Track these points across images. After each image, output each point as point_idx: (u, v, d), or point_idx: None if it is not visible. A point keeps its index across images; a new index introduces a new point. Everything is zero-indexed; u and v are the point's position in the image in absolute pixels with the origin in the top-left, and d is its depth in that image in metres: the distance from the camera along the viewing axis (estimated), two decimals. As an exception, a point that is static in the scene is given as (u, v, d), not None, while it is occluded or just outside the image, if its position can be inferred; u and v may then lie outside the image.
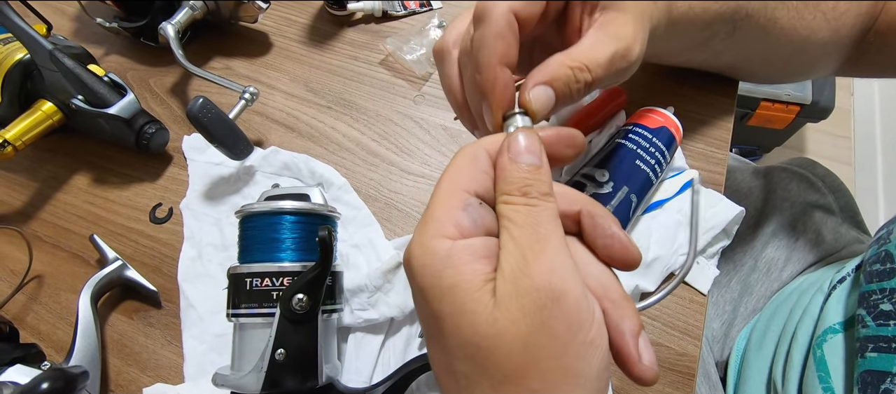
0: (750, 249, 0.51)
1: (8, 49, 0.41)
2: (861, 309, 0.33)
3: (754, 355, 0.43)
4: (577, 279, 0.19)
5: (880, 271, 0.33)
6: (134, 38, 0.50)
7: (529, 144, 0.21)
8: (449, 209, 0.20)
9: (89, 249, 0.41)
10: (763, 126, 1.18)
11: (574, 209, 0.22)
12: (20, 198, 0.44)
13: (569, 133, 0.23)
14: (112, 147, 0.45)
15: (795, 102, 1.09)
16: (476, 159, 0.21)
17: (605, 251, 0.22)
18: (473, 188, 0.21)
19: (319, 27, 0.52)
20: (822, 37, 0.38)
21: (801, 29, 0.37)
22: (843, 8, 0.37)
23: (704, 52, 0.40)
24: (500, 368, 0.18)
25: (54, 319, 0.39)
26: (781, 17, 0.36)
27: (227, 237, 0.40)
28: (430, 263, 0.19)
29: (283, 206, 0.31)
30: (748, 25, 0.36)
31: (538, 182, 0.20)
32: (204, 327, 0.37)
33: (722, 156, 0.42)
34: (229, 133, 0.39)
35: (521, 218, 0.20)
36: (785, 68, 0.42)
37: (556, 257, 0.19)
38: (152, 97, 0.48)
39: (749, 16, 0.35)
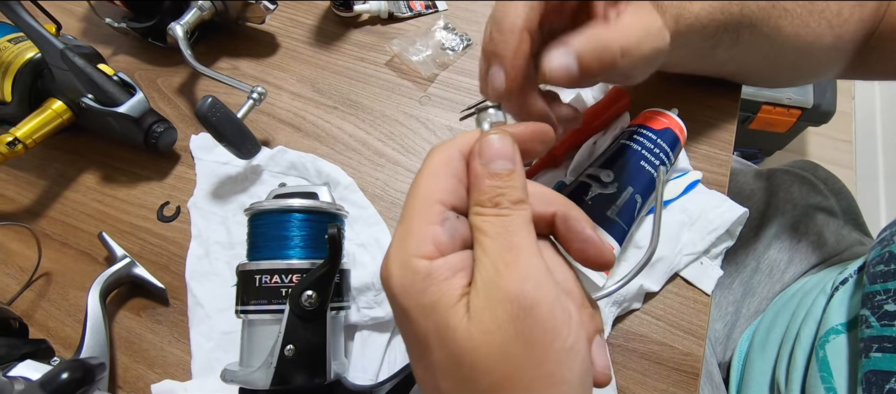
0: (752, 251, 0.52)
1: (18, 48, 0.42)
2: (865, 310, 0.33)
3: (757, 357, 0.43)
4: (550, 286, 0.19)
5: (884, 272, 0.33)
6: (142, 39, 0.50)
7: (501, 146, 0.21)
8: (426, 225, 0.20)
9: (97, 247, 0.41)
10: (764, 129, 1.18)
11: (549, 211, 0.22)
12: (29, 196, 0.44)
13: (541, 129, 0.23)
14: (120, 146, 0.46)
15: (797, 105, 1.09)
16: (449, 164, 0.21)
17: (581, 254, 0.22)
18: (449, 200, 0.21)
19: (326, 28, 0.52)
20: (826, 42, 0.38)
21: (806, 36, 0.37)
22: (846, 14, 0.37)
23: (709, 62, 0.40)
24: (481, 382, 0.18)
25: (63, 315, 0.39)
26: (786, 26, 0.36)
27: (234, 236, 0.41)
28: (411, 282, 0.19)
29: (292, 204, 0.31)
30: (752, 34, 0.36)
31: (510, 189, 0.20)
32: (211, 324, 0.37)
33: (725, 157, 0.42)
34: (237, 132, 0.39)
35: (493, 229, 0.20)
36: (789, 73, 0.43)
37: (528, 266, 0.19)
38: (160, 97, 0.49)
39: (753, 25, 0.36)
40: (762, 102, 1.12)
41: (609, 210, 0.35)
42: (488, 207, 0.20)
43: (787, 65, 0.41)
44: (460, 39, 0.50)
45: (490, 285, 0.19)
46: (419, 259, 0.19)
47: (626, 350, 0.35)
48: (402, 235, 0.20)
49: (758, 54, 0.39)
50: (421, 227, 0.20)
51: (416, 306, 0.19)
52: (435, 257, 0.20)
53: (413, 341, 0.21)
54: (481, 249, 0.20)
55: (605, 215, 0.34)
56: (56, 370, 0.20)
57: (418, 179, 0.21)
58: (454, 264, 0.20)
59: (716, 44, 0.37)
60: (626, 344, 0.36)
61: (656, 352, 0.35)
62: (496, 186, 0.20)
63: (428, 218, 0.20)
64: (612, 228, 0.34)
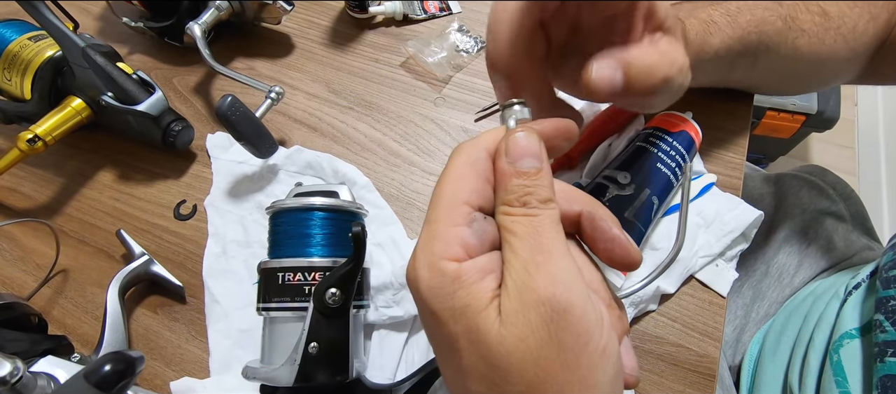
0: (761, 255, 0.52)
1: (39, 46, 0.42)
2: (879, 314, 0.33)
3: (769, 360, 0.44)
4: (581, 288, 0.18)
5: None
6: (158, 38, 0.51)
7: (528, 144, 0.20)
8: (454, 227, 0.20)
9: (114, 245, 0.42)
10: (769, 135, 1.18)
11: (574, 210, 0.22)
12: (47, 193, 0.44)
13: (566, 125, 0.23)
14: (137, 144, 0.46)
15: (801, 111, 1.10)
16: (476, 164, 0.21)
17: (607, 254, 0.22)
18: (476, 201, 0.20)
19: (341, 30, 0.53)
20: (841, 56, 0.39)
21: (822, 52, 0.38)
22: (862, 28, 0.38)
23: (726, 82, 0.42)
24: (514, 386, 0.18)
25: (80, 312, 0.39)
26: (803, 45, 0.37)
27: (250, 234, 0.41)
28: (439, 285, 0.19)
29: (314, 202, 0.32)
30: (769, 57, 0.37)
31: (538, 188, 0.20)
32: (229, 322, 0.37)
33: (739, 161, 0.43)
34: (256, 132, 0.40)
35: (522, 229, 0.19)
36: (802, 84, 0.44)
37: (559, 268, 0.18)
38: (176, 96, 0.49)
39: (769, 49, 0.36)
40: (767, 107, 1.13)
41: (626, 212, 0.35)
42: (516, 206, 0.20)
43: (802, 77, 0.42)
44: (474, 41, 0.50)
45: (522, 288, 0.18)
46: (448, 262, 0.19)
47: (642, 351, 0.36)
48: (428, 237, 0.20)
49: (774, 72, 0.40)
50: (448, 229, 0.20)
51: (445, 309, 0.19)
52: (463, 260, 0.19)
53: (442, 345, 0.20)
54: (511, 250, 0.19)
55: (622, 217, 0.35)
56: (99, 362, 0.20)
57: (443, 180, 0.21)
58: (483, 266, 0.19)
59: (733, 69, 0.38)
60: (642, 345, 0.36)
61: (672, 353, 0.35)
62: (524, 185, 0.20)
63: (454, 219, 0.20)
64: (630, 229, 0.35)
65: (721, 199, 0.40)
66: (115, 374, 0.20)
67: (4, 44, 0.42)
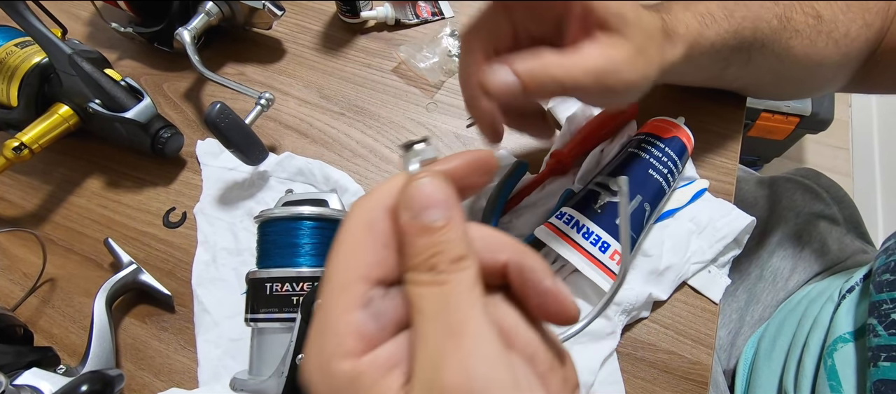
0: (756, 259, 0.52)
1: (25, 53, 0.42)
2: (872, 318, 0.33)
3: (764, 364, 0.43)
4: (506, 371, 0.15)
5: (891, 281, 0.33)
6: (148, 44, 0.50)
7: (433, 191, 0.17)
8: (346, 314, 0.16)
9: (102, 253, 0.41)
10: (763, 137, 1.19)
11: (499, 261, 0.18)
12: (33, 201, 0.44)
13: (482, 158, 0.20)
14: (125, 151, 0.45)
15: (795, 113, 1.10)
16: (372, 226, 0.17)
17: (540, 310, 0.19)
18: (375, 273, 0.17)
19: (332, 34, 0.52)
20: (833, 60, 0.39)
21: (814, 55, 0.38)
22: (854, 34, 0.38)
23: (720, 79, 0.41)
24: None
25: (67, 322, 0.39)
26: (795, 46, 0.37)
27: (241, 242, 0.40)
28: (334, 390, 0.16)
29: (302, 211, 0.31)
30: (763, 54, 0.37)
31: (448, 245, 0.16)
32: (219, 331, 0.37)
33: (732, 166, 0.43)
34: (245, 139, 0.39)
35: (430, 304, 0.16)
36: (795, 88, 0.44)
37: (475, 354, 0.15)
38: (166, 102, 0.49)
39: (764, 46, 0.36)
40: (761, 109, 1.13)
41: (618, 218, 0.35)
42: (423, 271, 0.16)
43: (795, 80, 0.41)
44: (467, 47, 0.50)
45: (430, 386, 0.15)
46: (341, 361, 0.16)
47: (634, 359, 0.35)
48: (319, 330, 0.16)
49: (767, 72, 0.40)
50: (339, 317, 0.16)
51: None
52: (361, 354, 0.16)
53: None
54: (418, 333, 0.16)
55: (614, 224, 0.35)
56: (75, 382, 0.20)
57: (333, 254, 0.17)
58: (386, 360, 0.16)
59: (727, 64, 0.38)
60: (635, 352, 0.36)
61: (664, 360, 0.35)
62: (430, 244, 0.16)
63: (347, 304, 0.16)
64: (622, 236, 0.34)
65: (713, 204, 0.39)
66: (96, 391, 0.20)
67: (-10, 50, 0.41)
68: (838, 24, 0.37)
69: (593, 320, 0.28)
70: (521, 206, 0.41)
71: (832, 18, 0.37)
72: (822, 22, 0.37)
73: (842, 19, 0.38)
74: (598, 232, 0.34)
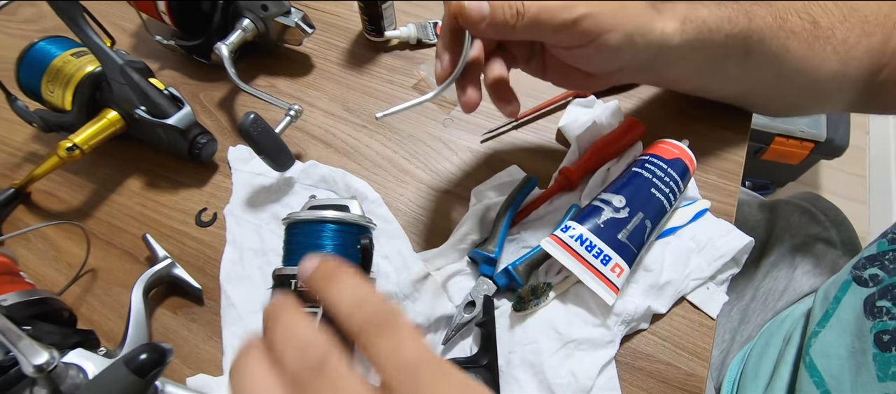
0: (751, 280, 0.53)
1: (80, 62, 0.46)
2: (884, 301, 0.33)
3: (750, 382, 0.44)
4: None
5: None
6: (187, 55, 0.54)
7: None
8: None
9: (139, 248, 0.44)
10: (777, 161, 1.19)
11: None
12: (79, 198, 0.48)
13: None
14: (163, 154, 0.49)
15: (810, 138, 1.11)
16: None
17: None
18: None
19: (357, 52, 0.56)
20: (832, 68, 0.40)
21: (812, 59, 0.39)
22: (853, 41, 0.39)
23: (719, 77, 0.42)
24: None
25: (106, 310, 0.42)
26: (793, 47, 0.38)
27: (266, 243, 0.43)
28: None
29: (325, 215, 0.34)
30: (761, 50, 0.38)
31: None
32: (244, 325, 0.40)
33: (733, 188, 0.44)
34: (275, 147, 0.42)
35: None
36: (798, 100, 0.44)
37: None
38: (202, 110, 0.52)
39: (762, 41, 0.38)
40: (775, 133, 1.14)
41: (620, 234, 0.37)
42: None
43: (795, 90, 0.42)
44: (483, 67, 0.53)
45: None
46: None
47: (632, 368, 0.37)
48: None
49: (767, 74, 0.40)
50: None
51: None
52: None
53: None
54: None
55: (616, 238, 0.37)
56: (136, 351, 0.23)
57: None
58: None
59: (726, 55, 0.39)
60: (633, 362, 0.37)
61: (661, 371, 0.37)
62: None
63: None
64: (623, 250, 0.36)
65: (714, 224, 0.41)
66: (151, 362, 0.23)
67: (49, 59, 0.46)
68: (836, 31, 0.38)
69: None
70: (530, 218, 0.43)
71: (829, 26, 0.38)
72: (819, 28, 0.38)
73: (839, 27, 0.39)
74: (600, 245, 0.36)
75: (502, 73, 0.37)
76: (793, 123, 1.12)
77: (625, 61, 0.36)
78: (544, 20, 0.31)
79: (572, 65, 0.37)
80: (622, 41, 0.33)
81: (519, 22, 0.31)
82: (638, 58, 0.36)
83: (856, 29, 0.39)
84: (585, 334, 0.36)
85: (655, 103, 0.50)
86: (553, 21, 0.31)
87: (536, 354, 0.36)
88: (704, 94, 0.46)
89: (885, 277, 0.33)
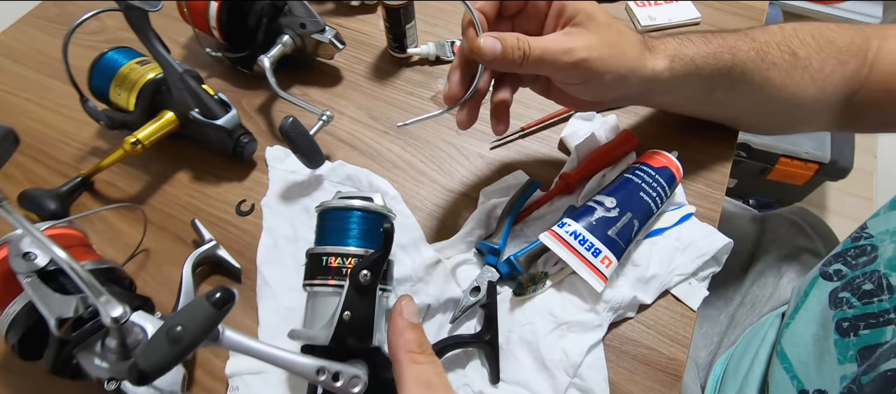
0: (740, 287, 0.57)
1: (143, 69, 0.53)
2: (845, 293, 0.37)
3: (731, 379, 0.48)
4: None
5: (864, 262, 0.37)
6: (232, 66, 0.61)
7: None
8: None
9: (187, 233, 0.51)
10: (782, 181, 1.22)
11: None
12: (136, 187, 0.54)
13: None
14: (209, 152, 0.55)
15: (814, 159, 1.13)
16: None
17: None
18: None
19: (382, 66, 0.62)
20: (810, 94, 0.44)
21: (791, 86, 0.44)
22: (828, 70, 0.44)
23: (709, 104, 0.47)
24: None
25: (157, 285, 0.48)
26: (774, 76, 0.43)
27: (298, 231, 0.49)
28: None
29: (353, 203, 0.40)
30: (745, 82, 0.43)
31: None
32: (277, 302, 0.45)
33: (718, 196, 0.49)
34: (309, 146, 0.48)
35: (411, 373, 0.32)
36: (781, 121, 0.49)
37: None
38: (244, 115, 0.59)
39: (745, 73, 0.43)
40: (780, 154, 1.17)
41: (610, 230, 0.42)
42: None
43: (779, 113, 0.47)
44: (495, 82, 0.59)
45: None
46: None
47: (619, 351, 0.42)
48: None
49: (750, 100, 0.45)
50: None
51: None
52: None
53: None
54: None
55: (606, 234, 0.41)
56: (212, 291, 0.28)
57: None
58: None
59: (713, 87, 0.44)
60: (620, 346, 0.42)
61: (645, 355, 0.41)
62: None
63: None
64: (612, 245, 0.41)
65: (698, 227, 0.46)
66: (225, 298, 0.28)
67: (118, 66, 0.53)
68: (812, 61, 0.43)
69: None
70: (532, 217, 0.48)
71: (807, 56, 0.43)
72: (798, 58, 0.43)
73: (816, 57, 0.43)
74: (592, 240, 0.41)
75: (506, 98, 0.42)
76: (797, 144, 1.15)
77: (619, 94, 0.41)
78: (547, 62, 0.36)
79: (572, 94, 0.42)
80: (616, 80, 0.38)
81: (525, 62, 0.36)
82: (631, 91, 0.41)
83: (831, 59, 0.44)
84: (577, 317, 0.41)
85: (652, 119, 0.55)
86: (554, 64, 0.36)
87: (533, 333, 0.41)
88: (695, 115, 0.51)
89: (847, 271, 0.37)
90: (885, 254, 0.34)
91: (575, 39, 0.36)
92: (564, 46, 0.36)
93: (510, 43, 0.35)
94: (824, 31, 0.45)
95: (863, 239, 0.37)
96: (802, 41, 0.44)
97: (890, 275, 0.33)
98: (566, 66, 0.36)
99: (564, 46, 0.36)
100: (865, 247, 0.37)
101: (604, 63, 0.37)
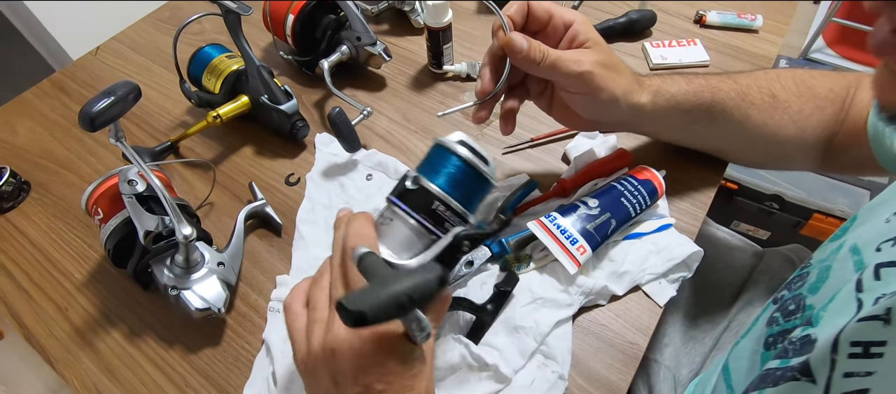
0: (728, 313, 0.60)
1: (230, 61, 0.66)
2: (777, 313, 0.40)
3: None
4: None
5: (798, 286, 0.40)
6: (297, 67, 0.73)
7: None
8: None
9: (244, 194, 0.62)
10: (815, 237, 1.20)
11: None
12: (210, 154, 0.67)
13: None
14: (270, 132, 0.67)
15: (846, 217, 1.12)
16: None
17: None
18: None
19: (420, 79, 0.72)
20: (790, 133, 0.49)
21: (771, 124, 0.49)
22: (807, 112, 0.48)
23: (692, 135, 0.53)
24: None
25: (215, 230, 0.59)
26: (754, 115, 0.49)
27: (332, 201, 0.59)
28: None
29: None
30: (725, 117, 0.49)
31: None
32: (308, 252, 0.55)
33: (700, 214, 0.54)
34: (350, 134, 0.59)
35: None
36: (762, 157, 0.54)
37: None
38: (302, 106, 0.71)
39: (725, 111, 0.49)
40: (814, 209, 1.16)
41: (589, 225, 0.48)
42: None
43: (760, 149, 0.52)
44: (515, 100, 0.67)
45: None
46: None
47: (588, 331, 0.47)
48: None
49: (732, 135, 0.51)
50: None
51: None
52: None
53: None
54: None
55: (585, 228, 0.48)
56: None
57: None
58: None
59: (694, 120, 0.50)
60: (589, 327, 0.48)
61: (610, 337, 0.47)
62: None
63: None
64: (589, 237, 0.48)
65: (674, 236, 0.51)
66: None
67: (211, 58, 0.66)
68: (791, 103, 0.48)
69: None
70: (528, 212, 0.55)
71: (786, 99, 0.48)
72: (777, 100, 0.48)
73: (795, 101, 0.48)
74: (572, 231, 0.48)
75: (514, 105, 0.50)
76: (831, 200, 1.14)
77: (610, 117, 0.48)
78: (559, 66, 0.43)
79: (571, 107, 0.49)
80: (610, 99, 0.45)
81: (543, 62, 0.44)
82: (622, 116, 0.48)
83: (809, 103, 0.49)
84: (551, 295, 0.47)
85: (650, 144, 0.61)
86: (565, 68, 0.43)
87: (510, 305, 0.47)
88: (682, 144, 0.56)
89: (787, 294, 0.41)
90: (811, 279, 0.38)
91: (584, 55, 0.44)
92: (576, 57, 0.44)
93: (535, 45, 0.43)
94: (806, 77, 0.50)
95: (806, 268, 0.41)
96: (783, 85, 0.49)
97: (807, 297, 0.37)
98: (574, 74, 0.43)
99: (576, 57, 0.44)
100: (804, 274, 0.40)
101: (603, 80, 0.44)
